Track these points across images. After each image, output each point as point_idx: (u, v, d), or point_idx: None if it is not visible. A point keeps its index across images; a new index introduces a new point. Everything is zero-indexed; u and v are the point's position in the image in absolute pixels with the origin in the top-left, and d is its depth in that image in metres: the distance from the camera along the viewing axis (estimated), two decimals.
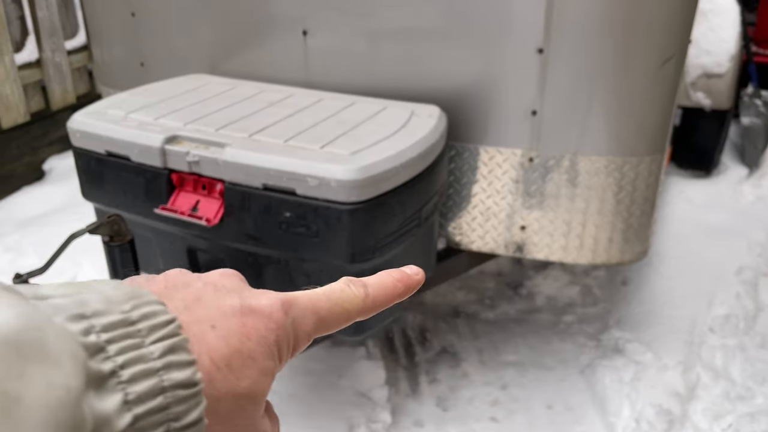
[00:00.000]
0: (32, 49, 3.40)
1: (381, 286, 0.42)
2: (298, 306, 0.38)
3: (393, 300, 0.43)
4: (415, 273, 0.45)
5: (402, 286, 0.43)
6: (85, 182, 1.65)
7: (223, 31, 1.99)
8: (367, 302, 0.41)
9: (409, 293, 0.44)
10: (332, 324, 0.40)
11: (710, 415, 1.99)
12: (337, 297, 0.40)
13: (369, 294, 0.41)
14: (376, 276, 0.43)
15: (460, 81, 1.77)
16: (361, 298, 0.41)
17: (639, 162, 1.75)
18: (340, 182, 1.33)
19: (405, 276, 0.44)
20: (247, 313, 0.36)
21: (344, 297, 0.40)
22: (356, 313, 0.41)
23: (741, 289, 2.53)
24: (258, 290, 0.38)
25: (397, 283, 0.43)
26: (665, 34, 1.63)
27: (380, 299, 0.42)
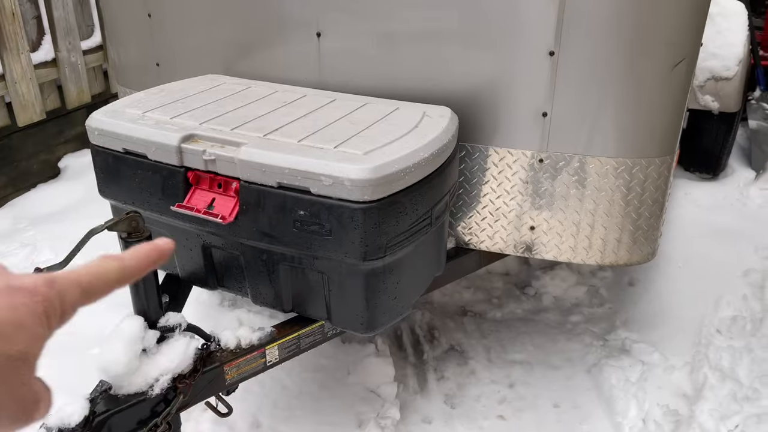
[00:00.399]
0: (48, 49, 3.45)
1: (135, 256, 0.49)
2: (61, 281, 0.44)
3: (150, 265, 0.50)
4: (165, 243, 0.52)
5: (156, 253, 0.51)
6: (102, 179, 1.69)
7: (237, 33, 2.03)
8: (125, 271, 0.48)
9: (164, 259, 0.51)
10: (96, 293, 0.46)
11: (717, 416, 2.01)
12: (95, 270, 0.46)
13: (125, 265, 0.48)
14: (130, 249, 0.50)
15: (471, 82, 1.79)
16: (119, 267, 0.47)
17: (649, 164, 1.77)
18: (353, 181, 1.36)
19: (157, 245, 0.51)
20: (13, 291, 0.41)
21: (102, 269, 0.47)
22: (116, 281, 0.47)
23: (748, 291, 2.55)
24: (22, 274, 0.44)
25: (150, 252, 0.50)
26: (676, 36, 1.65)
27: (137, 266, 0.49)
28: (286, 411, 2.11)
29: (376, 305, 1.53)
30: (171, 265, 1.78)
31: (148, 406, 1.40)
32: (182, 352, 1.42)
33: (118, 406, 1.36)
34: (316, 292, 1.57)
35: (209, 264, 1.69)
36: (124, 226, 1.32)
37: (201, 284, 1.76)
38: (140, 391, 1.39)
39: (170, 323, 1.45)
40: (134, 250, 0.50)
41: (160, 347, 1.42)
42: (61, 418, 1.25)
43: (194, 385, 1.46)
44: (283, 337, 1.63)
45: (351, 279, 1.49)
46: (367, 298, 1.51)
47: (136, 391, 1.38)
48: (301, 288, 1.59)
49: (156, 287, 1.46)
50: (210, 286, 1.73)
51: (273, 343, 1.61)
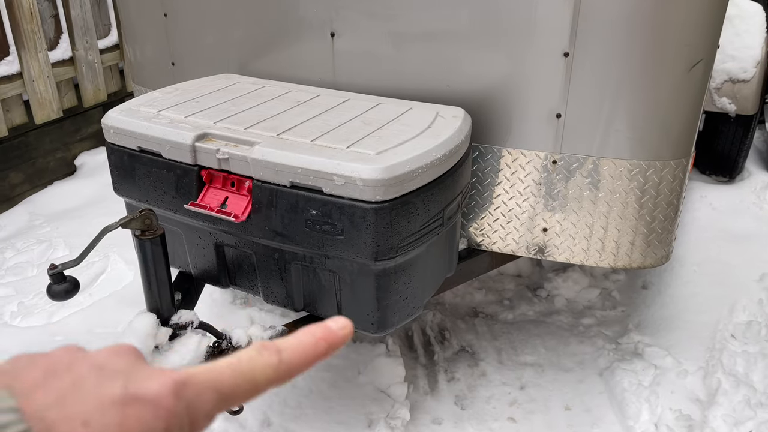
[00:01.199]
0: (66, 47, 3.49)
1: (298, 348, 0.38)
2: (194, 385, 0.35)
3: (314, 362, 0.38)
4: (341, 327, 0.40)
5: (325, 345, 0.39)
6: (117, 177, 1.70)
7: (252, 32, 2.04)
8: (281, 370, 0.37)
9: (334, 351, 0.39)
10: (237, 398, 0.36)
11: (730, 422, 1.98)
12: (243, 368, 0.36)
13: (283, 360, 0.37)
14: (294, 336, 0.38)
15: (485, 83, 1.79)
16: (273, 366, 0.37)
17: (664, 166, 1.75)
18: (365, 181, 1.36)
19: (328, 333, 0.39)
20: (129, 402, 0.32)
21: (252, 367, 0.36)
22: (267, 383, 0.37)
23: (764, 295, 2.52)
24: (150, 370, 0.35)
25: (318, 342, 0.39)
26: (693, 37, 1.63)
27: (297, 364, 0.38)
28: (297, 410, 2.12)
29: (387, 305, 1.53)
30: (183, 262, 1.80)
31: None
32: (194, 350, 1.43)
33: None
34: (328, 291, 1.57)
35: (222, 262, 1.70)
36: (137, 224, 1.33)
37: (213, 282, 1.77)
38: None
39: (182, 321, 1.46)
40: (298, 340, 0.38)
41: (172, 344, 1.43)
42: None
43: None
44: None
45: (362, 279, 1.49)
46: (378, 298, 1.51)
47: None
48: (313, 287, 1.59)
49: (169, 285, 1.47)
50: (222, 285, 1.75)
51: None
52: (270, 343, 0.38)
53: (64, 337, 2.30)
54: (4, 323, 2.43)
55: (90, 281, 2.63)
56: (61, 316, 2.44)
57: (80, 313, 2.43)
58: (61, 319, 2.42)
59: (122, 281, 2.61)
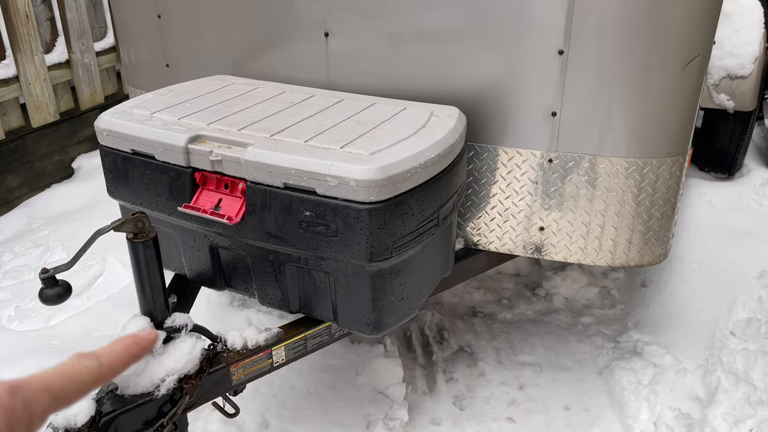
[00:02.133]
0: (62, 50, 3.48)
1: (113, 353, 0.46)
2: (27, 388, 0.41)
3: (131, 361, 0.48)
4: (148, 334, 0.49)
5: (136, 348, 0.48)
6: (110, 180, 1.69)
7: (246, 33, 2.03)
8: (102, 371, 0.45)
9: (145, 352, 0.49)
10: (69, 398, 0.43)
11: (730, 420, 1.97)
12: (68, 372, 0.43)
13: (102, 363, 0.45)
14: (107, 345, 0.47)
15: (479, 82, 1.78)
16: (94, 369, 0.44)
17: (660, 164, 1.74)
18: (359, 182, 1.35)
19: (137, 338, 0.49)
20: None
21: (76, 371, 0.43)
22: (92, 383, 0.44)
23: (763, 293, 2.50)
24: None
25: (130, 347, 0.48)
26: (689, 34, 1.62)
27: (116, 365, 0.46)
28: (295, 411, 2.11)
29: (382, 306, 1.52)
30: (178, 265, 1.79)
31: (154, 407, 1.41)
32: (188, 353, 1.42)
33: (125, 406, 1.36)
34: (323, 293, 1.57)
35: (216, 264, 1.69)
36: (130, 227, 1.33)
37: (208, 285, 1.76)
38: (146, 391, 1.39)
39: (176, 324, 1.45)
40: (112, 346, 0.47)
41: (166, 348, 1.43)
42: (67, 418, 1.26)
43: (200, 386, 1.46)
44: (290, 338, 1.62)
45: (357, 280, 1.49)
46: (374, 299, 1.50)
47: (142, 391, 1.39)
48: (308, 289, 1.59)
49: (162, 288, 1.46)
50: (217, 287, 1.74)
51: (279, 344, 1.60)
52: (88, 352, 0.46)
53: (60, 340, 2.30)
54: (1, 327, 2.43)
55: (87, 284, 2.62)
56: (58, 320, 2.43)
57: (77, 317, 2.43)
58: (59, 322, 2.41)
59: (119, 284, 2.61)
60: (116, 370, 0.47)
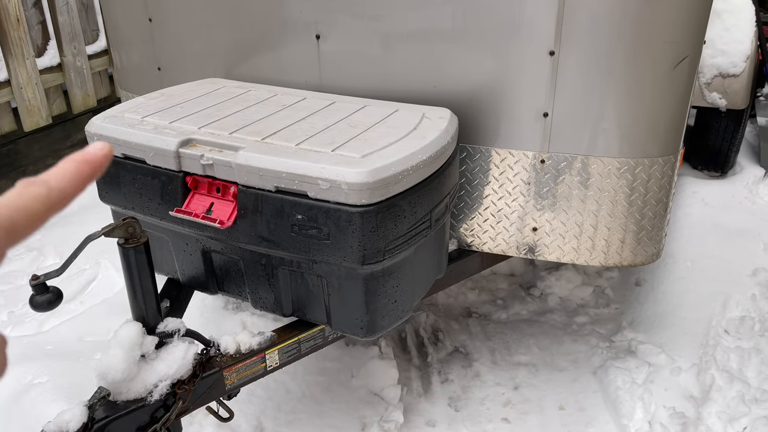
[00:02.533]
0: (54, 54, 3.47)
1: (63, 175, 0.41)
2: None
3: (85, 183, 0.42)
4: (99, 148, 0.43)
5: (88, 167, 0.42)
6: (102, 185, 1.69)
7: (237, 36, 2.03)
8: (53, 196, 0.40)
9: (100, 170, 0.43)
10: (23, 229, 0.39)
11: (725, 418, 1.98)
12: (14, 202, 0.39)
13: (52, 187, 0.40)
14: (56, 167, 0.41)
15: (471, 83, 1.78)
16: (44, 194, 0.40)
17: (652, 164, 1.75)
18: (350, 185, 1.35)
19: (89, 155, 0.42)
20: None
21: (23, 200, 0.39)
22: (45, 209, 0.40)
23: (757, 290, 2.51)
24: None
25: (80, 166, 0.42)
26: (678, 34, 1.62)
27: (68, 188, 0.41)
28: (290, 414, 2.10)
29: (375, 309, 1.52)
30: (171, 269, 1.78)
31: (147, 412, 1.40)
32: (181, 358, 1.42)
33: (117, 412, 1.36)
34: (316, 296, 1.56)
35: (209, 268, 1.68)
36: (120, 232, 1.32)
37: (201, 289, 1.75)
38: (139, 397, 1.39)
39: (169, 329, 1.45)
40: (61, 167, 0.42)
41: (159, 353, 1.42)
42: (59, 425, 1.25)
43: (194, 391, 1.46)
44: (283, 342, 1.62)
45: (350, 283, 1.48)
46: (367, 302, 1.50)
47: (135, 397, 1.38)
48: (301, 292, 1.58)
49: (154, 293, 1.46)
50: (210, 291, 1.73)
51: (273, 348, 1.60)
52: (35, 178, 0.40)
53: (54, 345, 2.28)
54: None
55: (81, 289, 2.61)
56: (51, 325, 2.42)
57: (71, 321, 2.42)
58: (52, 328, 2.40)
59: (113, 288, 2.60)
60: (68, 194, 0.41)
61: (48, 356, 2.18)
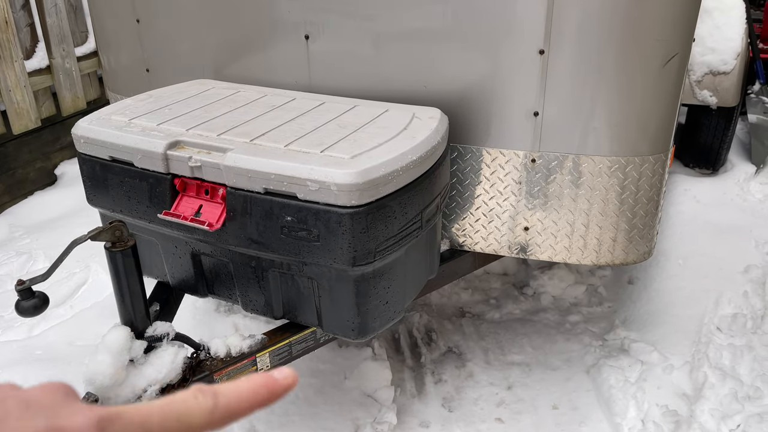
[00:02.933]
0: (42, 56, 3.44)
1: (237, 394, 0.37)
2: (121, 422, 0.34)
3: (254, 408, 0.38)
4: (284, 377, 0.39)
5: (266, 392, 0.38)
6: (90, 188, 1.67)
7: (226, 37, 2.01)
8: (216, 415, 0.36)
9: (276, 399, 0.39)
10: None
11: (718, 416, 1.98)
12: (175, 410, 0.35)
13: (219, 404, 0.37)
14: (233, 383, 0.38)
15: (461, 83, 1.77)
16: (207, 410, 0.36)
17: (643, 162, 1.74)
18: (339, 186, 1.34)
19: (271, 381, 0.39)
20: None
21: (185, 410, 0.36)
22: (202, 426, 0.36)
23: (749, 287, 2.52)
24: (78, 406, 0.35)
25: (259, 390, 0.38)
26: (667, 32, 1.62)
27: (236, 409, 0.37)
28: (283, 417, 2.09)
29: (367, 311, 1.51)
30: (161, 272, 1.77)
31: None
32: (170, 362, 1.40)
33: None
34: (307, 298, 1.55)
35: (199, 271, 1.67)
36: (107, 236, 1.31)
37: (191, 292, 1.74)
38: (128, 402, 1.37)
39: (158, 333, 1.43)
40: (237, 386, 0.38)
41: (147, 357, 1.41)
42: None
43: None
44: (274, 345, 1.61)
45: (341, 285, 1.47)
46: (358, 303, 1.49)
47: (123, 402, 1.37)
48: (291, 294, 1.57)
49: (143, 297, 1.44)
50: (200, 294, 1.72)
51: (264, 351, 1.59)
52: (208, 388, 0.37)
53: (44, 350, 2.26)
54: None
55: (70, 293, 2.59)
56: (41, 330, 2.40)
57: (61, 326, 2.40)
58: (42, 332, 2.38)
59: (104, 292, 2.58)
60: (235, 416, 0.37)
61: (38, 361, 2.16)
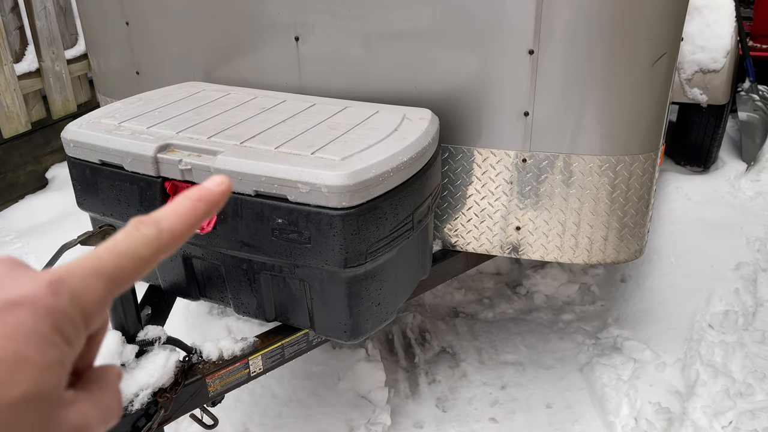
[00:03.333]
0: (32, 59, 3.42)
1: (177, 215, 0.37)
2: (73, 278, 0.33)
3: (197, 223, 0.38)
4: (218, 184, 0.39)
5: (204, 205, 0.38)
6: (80, 191, 1.66)
7: (216, 39, 2.01)
8: (163, 238, 0.36)
9: (216, 208, 0.38)
10: (126, 277, 0.35)
11: (710, 413, 1.99)
12: (122, 247, 0.35)
13: (163, 229, 0.36)
14: (170, 205, 0.37)
15: (451, 83, 1.77)
16: (154, 238, 0.36)
17: (633, 161, 1.75)
18: (330, 188, 1.34)
19: (205, 192, 0.38)
20: (6, 309, 0.31)
21: (132, 244, 0.35)
22: (154, 254, 0.36)
23: (740, 284, 2.53)
24: (26, 275, 0.34)
25: (197, 204, 0.38)
26: (656, 31, 1.63)
27: (180, 229, 0.37)
28: (276, 419, 2.09)
29: (359, 312, 1.51)
30: (152, 276, 1.76)
31: (128, 422, 1.38)
32: (162, 366, 1.40)
33: None
34: (298, 300, 1.55)
35: (190, 274, 1.67)
36: (97, 240, 1.30)
37: (183, 295, 1.73)
38: None
39: (149, 336, 1.43)
40: (175, 205, 0.37)
41: (139, 361, 1.40)
42: None
43: (176, 399, 1.44)
44: (267, 347, 1.60)
45: (332, 287, 1.47)
46: (350, 305, 1.49)
47: None
48: (283, 297, 1.57)
49: (133, 300, 1.44)
50: (192, 297, 1.71)
51: (256, 354, 1.59)
52: (146, 218, 0.37)
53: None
54: None
55: None
56: None
57: None
58: None
59: None
60: (180, 235, 0.36)
61: None
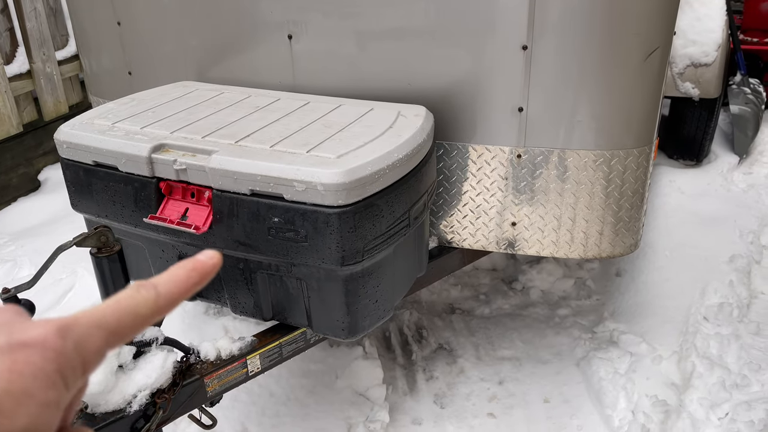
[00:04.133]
0: (23, 61, 3.40)
1: (172, 281, 0.42)
2: (78, 326, 0.37)
3: (191, 290, 0.42)
4: (209, 257, 0.44)
5: (197, 275, 0.43)
6: (73, 193, 1.66)
7: (209, 38, 2.00)
8: (160, 301, 0.41)
9: (208, 278, 0.44)
10: (126, 332, 0.39)
11: (706, 404, 2.00)
12: (124, 305, 0.39)
13: (161, 293, 0.41)
14: (167, 272, 0.42)
15: (445, 80, 1.77)
16: (152, 299, 0.40)
17: (627, 155, 1.76)
18: (326, 186, 1.34)
19: (198, 264, 0.43)
20: (15, 348, 0.34)
21: (133, 303, 0.40)
22: (151, 314, 0.40)
23: (734, 277, 2.54)
24: (33, 322, 0.37)
25: (191, 274, 0.43)
26: (648, 26, 1.63)
27: (175, 294, 0.42)
28: (275, 418, 2.09)
29: (356, 310, 1.51)
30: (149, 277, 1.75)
31: (127, 424, 1.38)
32: (160, 367, 1.39)
33: (96, 425, 1.33)
34: (296, 299, 1.55)
35: None
36: (92, 242, 1.30)
37: None
38: (118, 408, 1.36)
39: (146, 338, 1.42)
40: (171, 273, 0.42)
41: (137, 363, 1.40)
42: None
43: (174, 399, 1.44)
44: (265, 346, 1.60)
45: (330, 285, 1.47)
46: (347, 303, 1.49)
47: (113, 408, 1.36)
48: (281, 296, 1.57)
49: None
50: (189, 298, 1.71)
51: (254, 353, 1.58)
52: (146, 282, 0.41)
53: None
54: None
55: (57, 299, 2.56)
56: None
57: None
58: None
59: (91, 297, 2.55)
60: (175, 300, 0.41)
61: None
